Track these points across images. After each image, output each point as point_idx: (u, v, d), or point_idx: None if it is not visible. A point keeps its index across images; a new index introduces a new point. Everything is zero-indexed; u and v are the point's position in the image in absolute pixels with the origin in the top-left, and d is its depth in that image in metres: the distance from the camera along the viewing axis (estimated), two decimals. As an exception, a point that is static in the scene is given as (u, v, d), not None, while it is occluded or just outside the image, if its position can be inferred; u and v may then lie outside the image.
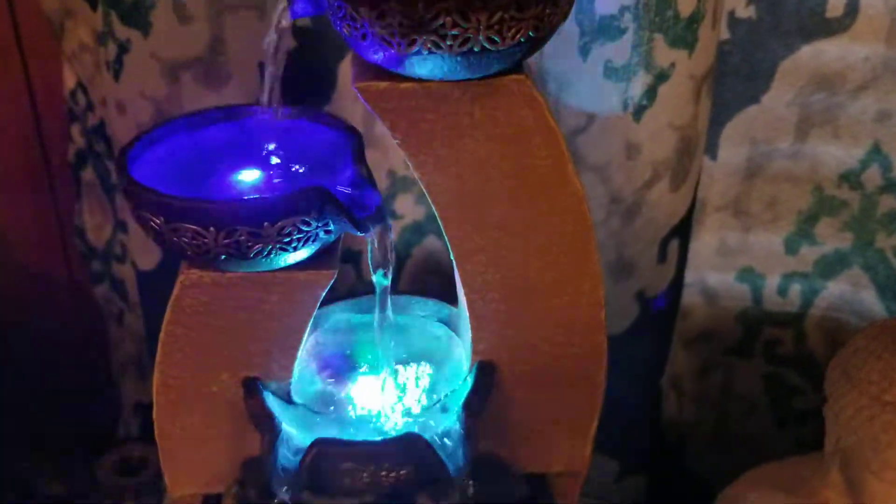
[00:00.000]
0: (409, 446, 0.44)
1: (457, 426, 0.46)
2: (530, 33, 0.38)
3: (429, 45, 0.38)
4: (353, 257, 0.74)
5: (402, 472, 0.44)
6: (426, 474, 0.45)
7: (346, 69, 0.64)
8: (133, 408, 1.01)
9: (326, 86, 0.64)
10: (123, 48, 0.65)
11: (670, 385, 0.77)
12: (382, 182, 0.67)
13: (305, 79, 0.62)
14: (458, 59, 0.38)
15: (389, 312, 0.44)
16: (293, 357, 0.48)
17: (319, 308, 0.48)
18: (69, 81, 0.78)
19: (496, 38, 0.38)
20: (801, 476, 0.50)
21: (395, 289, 0.51)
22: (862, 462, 0.44)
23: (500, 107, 0.41)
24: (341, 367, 0.51)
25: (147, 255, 0.76)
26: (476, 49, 0.38)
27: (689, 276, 0.72)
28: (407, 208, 0.69)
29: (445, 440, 0.45)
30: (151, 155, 0.45)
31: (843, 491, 0.47)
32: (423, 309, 0.54)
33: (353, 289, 0.71)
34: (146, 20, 0.62)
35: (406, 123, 0.42)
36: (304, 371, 0.51)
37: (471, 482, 0.44)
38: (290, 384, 0.49)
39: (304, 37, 0.62)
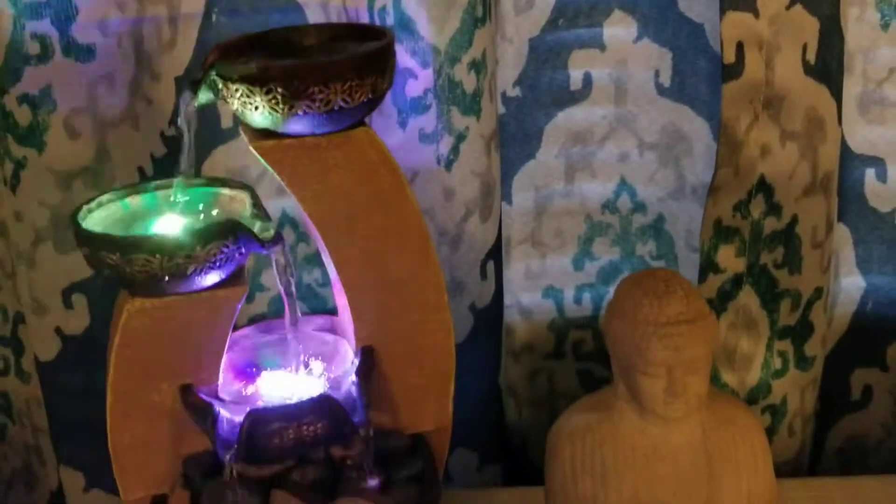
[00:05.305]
0: (323, 404, 0.58)
1: (352, 393, 0.61)
2: (370, 95, 0.57)
3: (303, 108, 0.55)
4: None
5: (318, 427, 0.58)
6: (336, 427, 0.59)
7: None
8: (24, 519, 1.04)
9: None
10: (20, 165, 0.76)
11: (508, 393, 0.93)
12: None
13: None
14: (323, 116, 0.56)
15: (298, 309, 0.59)
16: (219, 363, 0.61)
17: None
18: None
19: (348, 99, 0.56)
20: (604, 398, 0.68)
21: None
22: (634, 368, 0.62)
23: (354, 150, 0.59)
24: (253, 373, 0.65)
25: (47, 346, 0.85)
26: (335, 108, 0.56)
27: (508, 300, 0.88)
28: (272, 280, 0.84)
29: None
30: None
31: (629, 398, 0.66)
32: (312, 323, 0.69)
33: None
34: (41, 140, 0.74)
35: (290, 169, 0.59)
36: (223, 382, 0.64)
37: (371, 430, 0.59)
38: (217, 386, 0.62)
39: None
